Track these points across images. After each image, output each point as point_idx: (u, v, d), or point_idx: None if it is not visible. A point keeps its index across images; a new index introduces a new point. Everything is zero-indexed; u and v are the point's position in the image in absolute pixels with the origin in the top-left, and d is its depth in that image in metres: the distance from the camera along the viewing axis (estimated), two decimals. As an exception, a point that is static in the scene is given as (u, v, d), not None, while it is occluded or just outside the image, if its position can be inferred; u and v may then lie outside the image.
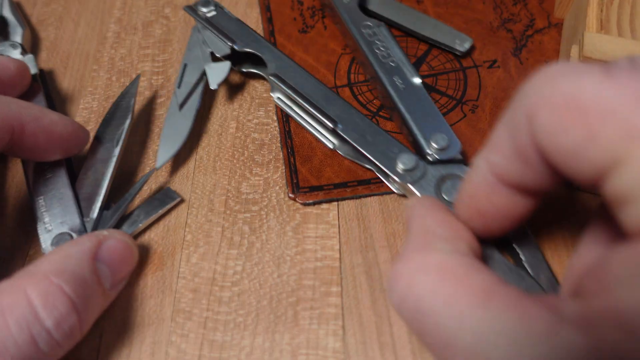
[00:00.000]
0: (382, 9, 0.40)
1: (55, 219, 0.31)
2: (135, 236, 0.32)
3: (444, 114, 0.36)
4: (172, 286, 0.31)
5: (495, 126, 0.23)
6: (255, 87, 0.38)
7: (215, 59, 0.37)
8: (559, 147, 0.20)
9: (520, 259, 0.28)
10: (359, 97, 0.37)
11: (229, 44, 0.37)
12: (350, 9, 0.38)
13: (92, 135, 0.34)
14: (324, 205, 0.33)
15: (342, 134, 0.33)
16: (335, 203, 0.33)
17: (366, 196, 0.33)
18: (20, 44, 0.38)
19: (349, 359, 0.28)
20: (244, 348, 0.28)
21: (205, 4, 0.39)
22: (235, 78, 0.39)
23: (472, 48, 0.39)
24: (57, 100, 0.39)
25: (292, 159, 0.34)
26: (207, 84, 0.36)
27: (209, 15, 0.38)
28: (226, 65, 0.36)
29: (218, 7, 0.39)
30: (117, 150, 0.33)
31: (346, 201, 0.33)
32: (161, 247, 0.32)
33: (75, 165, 0.34)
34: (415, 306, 0.22)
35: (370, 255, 0.31)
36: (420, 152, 0.32)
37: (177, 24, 0.42)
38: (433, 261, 0.23)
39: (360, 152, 0.32)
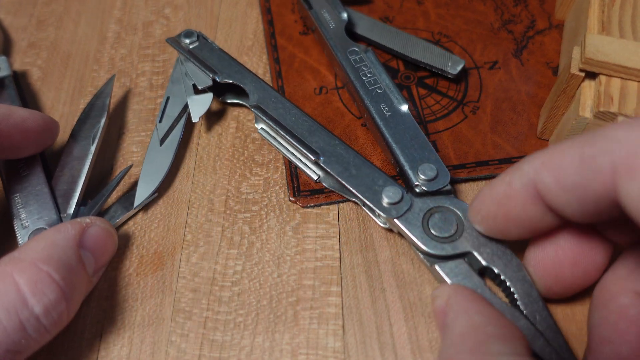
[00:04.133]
0: (370, 33, 0.39)
1: (31, 216, 0.31)
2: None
3: (445, 116, 0.36)
4: (172, 286, 0.30)
5: (564, 145, 0.22)
6: (256, 88, 0.38)
7: (197, 91, 0.36)
8: None
9: (515, 298, 0.27)
10: (359, 97, 0.37)
11: (211, 75, 0.36)
12: (337, 34, 0.37)
13: (68, 133, 0.35)
14: (324, 205, 0.33)
15: (324, 166, 0.31)
16: (335, 203, 0.33)
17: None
18: None
19: (349, 358, 0.28)
20: (244, 348, 0.28)
21: (188, 35, 0.38)
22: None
23: (463, 67, 0.39)
24: (57, 100, 0.39)
25: (292, 164, 0.34)
26: (189, 117, 0.35)
27: (191, 46, 0.37)
28: (208, 97, 0.35)
29: (201, 37, 0.38)
30: (93, 148, 0.33)
31: (346, 201, 0.33)
32: (161, 247, 0.32)
33: (51, 163, 0.34)
34: None
35: (370, 255, 0.31)
36: (408, 184, 0.31)
37: (177, 24, 0.42)
38: None
39: (345, 185, 0.31)
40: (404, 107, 0.33)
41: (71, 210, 0.31)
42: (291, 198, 0.33)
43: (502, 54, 0.39)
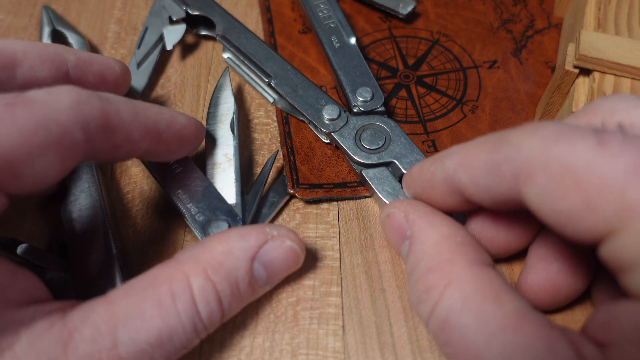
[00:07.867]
0: None
1: (203, 209, 0.30)
2: (273, 219, 0.33)
3: (444, 115, 0.36)
4: (172, 286, 0.30)
5: (478, 145, 0.24)
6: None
7: (172, 22, 0.40)
8: (554, 212, 0.21)
9: None
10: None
11: (184, 7, 0.40)
12: None
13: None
14: (324, 205, 0.33)
15: (276, 87, 0.36)
16: (335, 203, 0.33)
17: (366, 197, 0.33)
18: None
19: (349, 359, 0.28)
20: (243, 348, 0.28)
21: None
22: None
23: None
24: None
25: (292, 158, 0.34)
26: (164, 46, 0.39)
27: None
28: (181, 27, 0.40)
29: None
30: (235, 135, 0.34)
31: (346, 201, 0.33)
32: (161, 247, 0.32)
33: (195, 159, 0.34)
34: (445, 317, 0.23)
35: (370, 255, 0.31)
36: (348, 105, 0.35)
37: (177, 25, 0.42)
38: (467, 273, 0.23)
39: (293, 104, 0.35)
40: (352, 40, 0.37)
41: (235, 199, 0.31)
42: (290, 190, 0.33)
43: (501, 53, 0.39)
